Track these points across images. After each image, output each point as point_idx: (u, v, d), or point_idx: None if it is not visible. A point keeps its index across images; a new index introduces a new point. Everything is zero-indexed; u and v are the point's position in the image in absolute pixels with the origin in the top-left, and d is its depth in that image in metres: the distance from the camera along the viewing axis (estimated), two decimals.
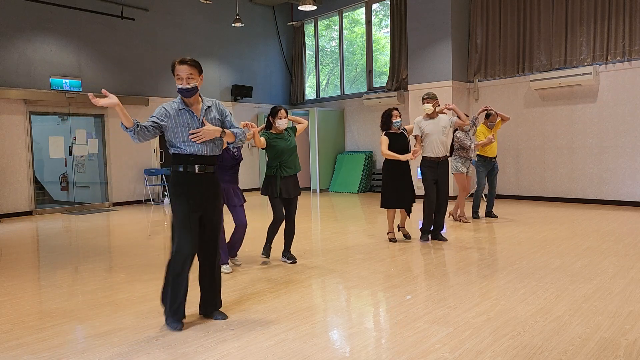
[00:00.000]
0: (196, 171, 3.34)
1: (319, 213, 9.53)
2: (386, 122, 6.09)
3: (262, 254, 5.30)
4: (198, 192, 3.36)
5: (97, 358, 2.94)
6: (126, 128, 3.15)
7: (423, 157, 6.13)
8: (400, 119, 6.08)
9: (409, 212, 6.28)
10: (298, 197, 5.21)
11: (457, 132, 7.30)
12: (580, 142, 9.54)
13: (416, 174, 6.39)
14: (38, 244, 7.07)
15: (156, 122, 3.28)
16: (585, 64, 9.32)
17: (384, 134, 6.12)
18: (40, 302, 4.14)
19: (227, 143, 3.53)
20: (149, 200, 11.87)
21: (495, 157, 7.78)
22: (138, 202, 11.86)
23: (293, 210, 5.19)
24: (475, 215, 7.87)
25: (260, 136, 4.94)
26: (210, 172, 3.42)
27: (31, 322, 3.61)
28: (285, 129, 5.11)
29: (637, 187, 8.88)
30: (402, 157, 5.86)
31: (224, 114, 3.52)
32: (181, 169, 3.34)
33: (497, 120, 7.78)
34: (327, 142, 13.47)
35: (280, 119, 4.97)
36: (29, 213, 10.20)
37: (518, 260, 5.08)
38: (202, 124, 3.35)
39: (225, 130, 3.43)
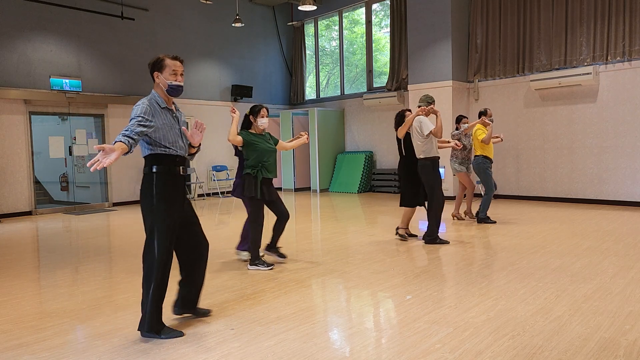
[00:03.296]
0: (181, 173, 3.25)
1: (319, 213, 9.52)
2: (400, 122, 6.20)
3: (264, 265, 4.99)
4: (182, 193, 3.28)
5: (97, 358, 2.94)
6: (126, 153, 2.91)
7: (434, 157, 6.04)
8: None
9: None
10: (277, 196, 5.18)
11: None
12: (580, 142, 9.54)
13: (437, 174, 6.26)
14: (38, 244, 7.07)
15: (145, 126, 3.03)
16: (585, 64, 9.32)
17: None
18: (40, 302, 4.14)
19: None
20: None
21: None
22: (138, 202, 11.84)
23: (282, 206, 5.05)
24: (488, 218, 7.55)
25: (240, 134, 4.88)
26: (185, 174, 3.34)
27: (31, 322, 3.61)
28: (266, 132, 5.05)
29: (637, 187, 8.88)
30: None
31: (185, 122, 3.41)
32: (167, 170, 3.17)
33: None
34: (327, 142, 13.47)
35: (263, 117, 4.88)
36: (29, 213, 10.21)
37: (518, 260, 5.08)
38: (178, 125, 3.26)
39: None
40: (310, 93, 15.17)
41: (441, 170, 10.72)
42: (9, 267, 5.49)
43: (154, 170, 3.15)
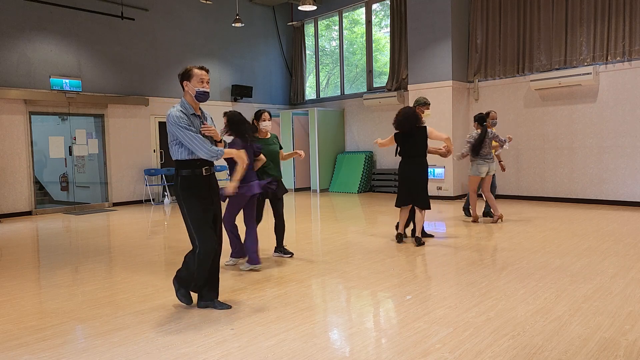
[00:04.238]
0: (204, 173, 3.64)
1: (319, 213, 9.53)
2: (415, 121, 6.10)
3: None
4: (207, 193, 3.66)
5: (97, 358, 2.94)
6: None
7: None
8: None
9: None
10: (283, 195, 5.41)
11: (474, 133, 7.36)
12: (580, 142, 9.54)
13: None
14: (38, 244, 7.07)
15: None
16: (585, 64, 9.32)
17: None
18: (40, 302, 4.14)
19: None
20: (149, 200, 11.87)
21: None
22: (138, 202, 11.86)
23: (280, 207, 5.41)
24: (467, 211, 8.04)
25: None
26: (213, 173, 3.77)
27: (31, 322, 3.61)
28: (271, 134, 5.37)
29: (637, 187, 8.88)
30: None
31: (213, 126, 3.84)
32: (190, 173, 3.61)
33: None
34: (327, 142, 13.46)
35: (265, 121, 5.22)
36: (29, 213, 10.21)
37: (518, 260, 5.08)
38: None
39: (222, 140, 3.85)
40: (310, 93, 15.17)
41: (440, 170, 10.76)
42: (9, 267, 5.49)
43: (181, 173, 3.63)
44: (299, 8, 10.49)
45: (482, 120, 7.31)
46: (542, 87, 9.73)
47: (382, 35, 13.35)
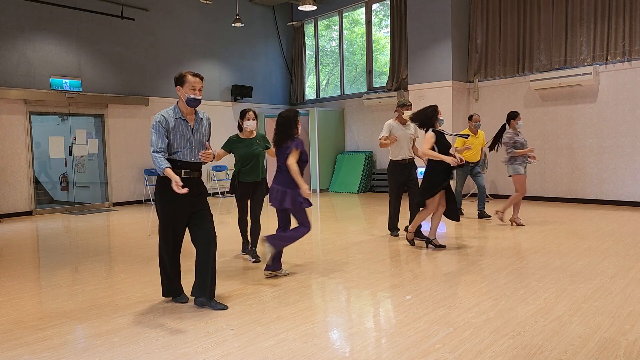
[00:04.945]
0: (182, 176, 3.63)
1: (319, 213, 9.52)
2: (433, 117, 5.64)
3: (243, 252, 5.66)
4: (184, 196, 3.57)
5: (97, 358, 2.94)
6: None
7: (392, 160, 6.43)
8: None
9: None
10: (263, 198, 5.38)
11: (506, 132, 7.09)
12: (580, 142, 9.54)
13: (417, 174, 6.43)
14: (38, 244, 7.07)
15: (165, 138, 3.64)
16: (585, 64, 9.32)
17: (431, 131, 5.63)
18: (40, 302, 4.14)
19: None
20: (149, 200, 11.86)
21: (476, 162, 8.01)
22: (138, 202, 11.86)
23: (257, 211, 5.36)
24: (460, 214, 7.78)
25: (224, 144, 5.32)
26: (195, 177, 3.78)
27: (31, 322, 3.61)
28: (257, 134, 5.34)
29: (637, 187, 8.88)
30: (450, 160, 5.39)
31: (209, 131, 3.91)
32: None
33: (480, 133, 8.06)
34: (327, 142, 13.46)
35: (249, 120, 5.18)
36: (29, 213, 10.21)
37: (518, 260, 5.08)
38: (194, 133, 3.75)
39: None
40: (310, 93, 15.17)
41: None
42: (9, 267, 5.49)
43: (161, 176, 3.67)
44: (299, 8, 10.49)
45: (509, 118, 7.13)
46: (542, 87, 9.73)
47: (382, 35, 13.35)
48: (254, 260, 5.30)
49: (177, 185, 3.43)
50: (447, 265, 4.99)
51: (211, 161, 3.80)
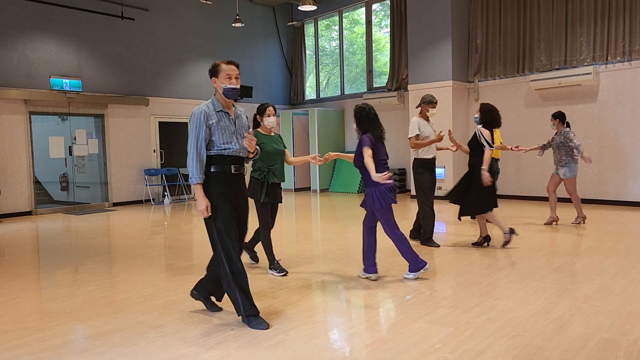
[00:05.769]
0: (233, 172, 3.38)
1: (319, 213, 9.52)
2: (497, 117, 5.64)
3: (272, 270, 4.76)
4: (234, 193, 3.38)
5: (97, 358, 2.93)
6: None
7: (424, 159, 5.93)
8: None
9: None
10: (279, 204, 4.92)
11: (567, 131, 6.91)
12: (580, 142, 9.51)
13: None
14: (38, 244, 7.07)
15: (205, 137, 3.31)
16: (585, 64, 9.32)
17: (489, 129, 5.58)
18: (40, 303, 4.14)
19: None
20: (149, 200, 11.86)
21: (497, 160, 7.67)
22: (138, 202, 11.86)
23: (273, 216, 4.86)
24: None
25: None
26: (242, 173, 3.48)
27: (31, 323, 3.60)
28: (275, 133, 4.84)
29: (637, 187, 8.88)
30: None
31: (247, 125, 3.60)
32: (219, 170, 3.35)
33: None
34: (327, 142, 13.46)
35: (269, 116, 4.71)
36: (29, 213, 10.20)
37: (518, 260, 5.07)
38: (237, 127, 3.44)
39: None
40: (310, 93, 15.17)
41: (440, 170, 10.75)
42: (9, 267, 5.48)
43: (211, 170, 3.34)
44: (299, 8, 10.49)
45: (563, 117, 7.02)
46: (542, 87, 9.73)
47: (382, 35, 13.35)
48: (283, 274, 4.72)
49: (206, 210, 3.23)
50: (448, 266, 4.99)
51: (253, 153, 3.52)
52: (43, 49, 10.32)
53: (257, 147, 3.62)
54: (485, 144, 5.52)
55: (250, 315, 3.34)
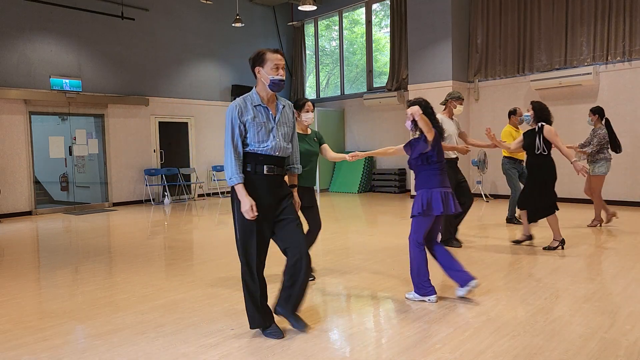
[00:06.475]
0: (266, 172, 3.09)
1: (319, 213, 9.51)
2: (550, 113, 5.45)
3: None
4: (267, 196, 3.08)
5: (97, 358, 2.93)
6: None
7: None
8: None
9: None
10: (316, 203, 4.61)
11: (600, 129, 6.77)
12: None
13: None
14: (38, 244, 7.07)
15: (239, 132, 3.05)
16: (586, 64, 9.32)
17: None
18: (40, 302, 4.14)
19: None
20: (149, 200, 11.86)
21: (522, 161, 7.35)
22: (138, 202, 11.86)
23: (317, 215, 4.54)
24: (513, 219, 7.37)
25: None
26: (279, 174, 3.17)
27: (31, 322, 3.60)
28: (312, 131, 4.45)
29: (637, 187, 8.88)
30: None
31: (293, 122, 3.30)
32: (249, 169, 3.07)
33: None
34: (327, 142, 13.39)
35: (307, 112, 4.31)
36: (29, 213, 10.20)
37: (518, 260, 5.07)
38: (277, 124, 3.14)
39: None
40: (310, 93, 15.17)
41: None
42: (9, 267, 5.48)
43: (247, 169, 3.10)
44: (299, 8, 10.49)
45: (602, 112, 6.84)
46: (543, 87, 9.73)
47: (382, 35, 13.35)
48: (311, 279, 4.50)
49: (251, 210, 2.95)
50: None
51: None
52: (43, 49, 10.32)
53: None
54: (552, 143, 5.31)
55: (260, 328, 3.21)
